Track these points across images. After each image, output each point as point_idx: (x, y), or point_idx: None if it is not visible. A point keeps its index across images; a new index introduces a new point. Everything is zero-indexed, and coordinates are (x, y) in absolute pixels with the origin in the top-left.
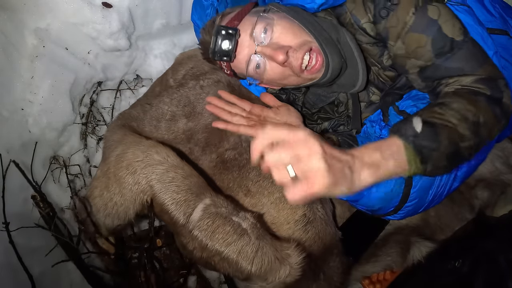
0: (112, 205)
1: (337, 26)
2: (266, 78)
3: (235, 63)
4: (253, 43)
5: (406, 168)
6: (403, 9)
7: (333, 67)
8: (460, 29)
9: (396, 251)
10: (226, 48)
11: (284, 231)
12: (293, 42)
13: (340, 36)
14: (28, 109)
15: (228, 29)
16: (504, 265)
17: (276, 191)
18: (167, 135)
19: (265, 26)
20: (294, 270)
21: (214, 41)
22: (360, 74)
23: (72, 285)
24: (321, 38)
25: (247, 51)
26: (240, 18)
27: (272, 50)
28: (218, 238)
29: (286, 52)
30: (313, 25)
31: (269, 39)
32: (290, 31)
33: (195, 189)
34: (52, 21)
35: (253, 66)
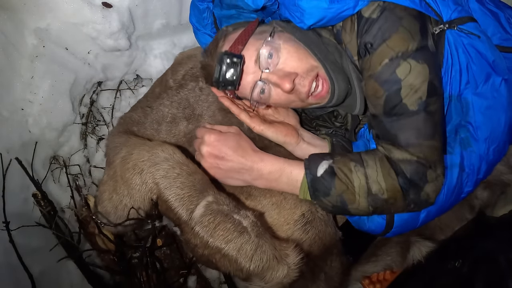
0: (122, 207)
1: (341, 51)
2: (271, 102)
3: (240, 89)
4: (258, 70)
5: (297, 193)
6: (378, 56)
7: (339, 93)
8: (419, 99)
9: (396, 251)
10: (230, 78)
11: (284, 231)
12: (299, 68)
13: (343, 61)
14: (28, 109)
15: (232, 57)
16: (504, 265)
17: (277, 193)
18: (168, 138)
19: (270, 51)
20: (292, 271)
21: (218, 70)
22: (358, 102)
23: (72, 285)
24: (327, 62)
25: (252, 78)
26: (244, 42)
27: (279, 78)
28: (219, 235)
29: (293, 80)
30: (319, 48)
31: (275, 65)
32: (295, 56)
33: (199, 186)
34: (52, 21)
35: (257, 92)
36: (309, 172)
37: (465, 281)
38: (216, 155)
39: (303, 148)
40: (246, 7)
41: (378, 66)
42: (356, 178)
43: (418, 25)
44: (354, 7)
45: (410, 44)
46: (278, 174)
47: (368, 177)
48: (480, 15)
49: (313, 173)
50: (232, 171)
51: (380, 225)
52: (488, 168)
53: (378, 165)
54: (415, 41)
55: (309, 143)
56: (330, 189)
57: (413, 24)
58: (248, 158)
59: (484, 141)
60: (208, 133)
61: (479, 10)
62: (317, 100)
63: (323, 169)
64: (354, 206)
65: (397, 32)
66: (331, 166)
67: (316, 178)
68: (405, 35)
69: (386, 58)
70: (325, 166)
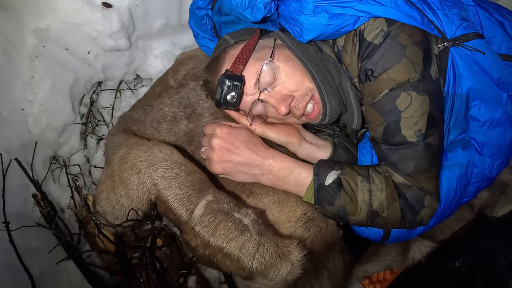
0: (119, 207)
1: (340, 70)
2: (268, 119)
3: (240, 106)
4: (257, 91)
5: (302, 195)
6: (378, 85)
7: (331, 114)
8: (418, 131)
9: (397, 250)
10: (231, 100)
11: (286, 229)
12: (296, 92)
13: (342, 81)
14: (28, 109)
15: (233, 81)
16: (504, 265)
17: (279, 191)
18: (168, 137)
19: (269, 74)
20: (295, 268)
21: (219, 92)
22: (355, 121)
23: (72, 285)
24: (323, 84)
25: (251, 98)
26: (244, 61)
27: (276, 101)
28: (220, 234)
29: (289, 104)
30: (318, 66)
31: (274, 87)
32: (293, 79)
33: (197, 186)
34: (52, 21)
35: (256, 109)
36: (317, 178)
37: (465, 281)
38: (228, 148)
39: (305, 148)
40: (244, 20)
41: (378, 95)
42: (361, 193)
43: (421, 55)
44: (354, 23)
45: (412, 75)
46: (287, 172)
47: (372, 194)
48: (487, 25)
49: (321, 180)
50: (242, 164)
51: (378, 234)
52: (488, 183)
53: (383, 185)
54: (417, 73)
55: (311, 143)
56: (335, 199)
57: (416, 54)
58: (260, 153)
59: (490, 157)
60: (220, 127)
61: (487, 20)
62: (308, 120)
63: (331, 179)
64: (354, 218)
65: (399, 63)
66: (339, 177)
67: (323, 187)
68: (407, 66)
69: (386, 88)
70: (334, 176)
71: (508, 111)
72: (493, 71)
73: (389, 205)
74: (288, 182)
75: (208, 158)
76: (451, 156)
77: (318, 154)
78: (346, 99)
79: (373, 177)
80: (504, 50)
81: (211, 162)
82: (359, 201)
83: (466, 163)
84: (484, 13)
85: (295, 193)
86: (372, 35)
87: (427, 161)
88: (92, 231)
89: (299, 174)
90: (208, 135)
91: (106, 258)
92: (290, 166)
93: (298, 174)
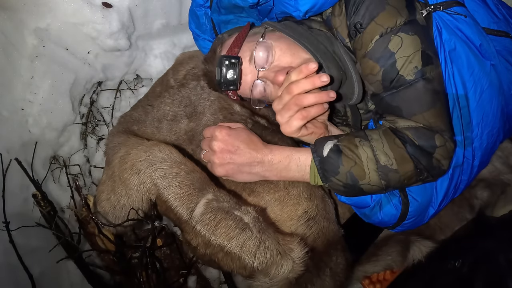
0: (120, 208)
1: (331, 38)
2: (271, 99)
3: (240, 90)
4: (255, 69)
5: (307, 179)
6: (368, 34)
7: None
8: (415, 68)
9: (397, 250)
10: (231, 78)
11: (288, 227)
12: (293, 62)
13: (335, 48)
14: (28, 109)
15: (230, 59)
16: (504, 265)
17: (280, 189)
18: (169, 136)
19: (264, 51)
20: (297, 265)
21: (219, 72)
22: (355, 87)
23: (72, 285)
24: (318, 53)
25: (250, 78)
26: (239, 45)
27: (274, 73)
28: (221, 233)
29: (287, 73)
30: (309, 40)
31: (270, 63)
32: (288, 52)
33: (198, 184)
34: (52, 21)
35: (257, 91)
36: (316, 155)
37: (465, 281)
38: (229, 150)
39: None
40: (243, 4)
41: (370, 44)
42: (362, 152)
43: (404, 2)
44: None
45: (398, 19)
46: (287, 161)
47: (374, 149)
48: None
49: (319, 154)
50: (245, 165)
51: (393, 216)
52: (483, 154)
53: (382, 137)
54: (402, 17)
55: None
56: (338, 166)
57: (399, 2)
58: (259, 151)
59: (477, 126)
60: (219, 129)
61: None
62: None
63: (328, 148)
64: (365, 181)
65: (384, 10)
66: (336, 144)
67: (323, 159)
68: (392, 12)
69: (376, 35)
70: (330, 145)
71: (492, 79)
72: (475, 38)
73: (395, 154)
74: (290, 169)
75: (210, 162)
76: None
77: None
78: (342, 64)
79: (370, 134)
80: (485, 24)
81: (213, 166)
82: (363, 160)
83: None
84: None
85: (302, 179)
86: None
87: (429, 96)
88: (92, 231)
89: (299, 159)
90: (207, 138)
91: (106, 258)
92: (288, 155)
93: (298, 159)
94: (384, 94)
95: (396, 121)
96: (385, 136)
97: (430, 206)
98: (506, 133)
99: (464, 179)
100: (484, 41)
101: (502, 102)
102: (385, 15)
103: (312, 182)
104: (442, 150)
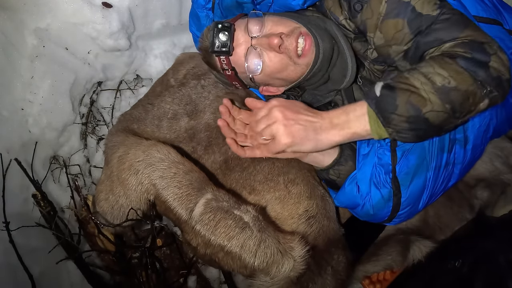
0: (118, 208)
1: (323, 18)
2: (266, 71)
3: (234, 59)
4: (248, 38)
5: (369, 130)
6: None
7: (324, 46)
8: (434, 4)
9: (397, 250)
10: (223, 39)
11: (289, 225)
12: (285, 30)
13: (327, 25)
14: (28, 109)
15: (223, 23)
16: (504, 265)
17: (281, 188)
18: (169, 134)
19: (256, 21)
20: (298, 264)
21: (211, 35)
22: (349, 62)
23: (72, 285)
24: (310, 24)
25: (244, 45)
26: (233, 20)
27: (267, 38)
28: (221, 233)
29: (280, 37)
30: (301, 17)
31: (262, 32)
32: (279, 23)
33: (196, 184)
34: (52, 21)
35: (252, 59)
36: (370, 100)
37: (465, 281)
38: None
39: (309, 155)
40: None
41: (381, 7)
42: (414, 79)
43: None
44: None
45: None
46: (345, 116)
47: (426, 74)
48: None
49: (373, 97)
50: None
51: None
52: (475, 137)
53: (430, 61)
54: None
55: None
56: (395, 99)
57: None
58: (317, 112)
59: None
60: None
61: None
62: (306, 57)
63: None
64: (428, 108)
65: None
66: (387, 83)
67: (378, 99)
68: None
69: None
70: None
71: None
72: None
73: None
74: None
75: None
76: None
77: (324, 158)
78: (334, 38)
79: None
80: (475, 11)
81: (279, 135)
82: (418, 87)
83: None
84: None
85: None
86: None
87: (461, 20)
88: (92, 231)
89: (355, 110)
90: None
91: (106, 258)
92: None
93: (354, 110)
94: (419, 39)
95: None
96: (433, 60)
97: (423, 194)
98: (502, 123)
99: (457, 163)
100: None
101: None
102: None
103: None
104: (496, 57)
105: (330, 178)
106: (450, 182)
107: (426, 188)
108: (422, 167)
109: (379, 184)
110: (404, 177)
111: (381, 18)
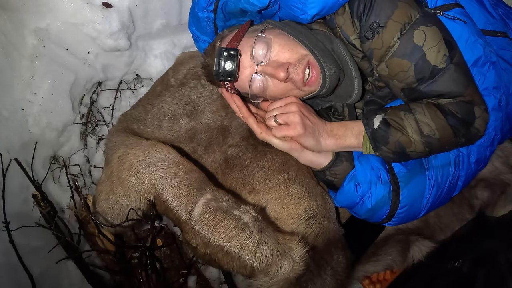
0: (118, 208)
1: (330, 36)
2: (269, 95)
3: (239, 83)
4: (254, 63)
5: (361, 147)
6: (388, 32)
7: (330, 77)
8: (444, 56)
9: (397, 250)
10: (229, 69)
11: (289, 226)
12: (291, 58)
13: (334, 46)
14: (28, 109)
15: (229, 50)
16: (504, 265)
17: (281, 188)
18: (169, 135)
19: (263, 45)
20: (297, 265)
21: (217, 63)
22: (355, 84)
23: (72, 285)
24: (316, 50)
25: (249, 72)
26: (238, 39)
27: (273, 68)
28: (220, 233)
29: (287, 69)
30: (308, 37)
31: (268, 58)
32: (286, 48)
33: (196, 184)
34: (52, 21)
35: (256, 85)
36: (367, 127)
37: (465, 281)
38: (307, 110)
39: (307, 155)
40: (251, 8)
41: (393, 42)
42: (407, 124)
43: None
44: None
45: (412, 14)
46: (343, 129)
47: (418, 121)
48: (465, 1)
49: (371, 127)
50: (316, 126)
51: (383, 211)
52: (478, 150)
53: (425, 110)
54: (415, 10)
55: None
56: (388, 137)
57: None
58: (322, 120)
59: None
60: (290, 97)
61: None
62: (311, 87)
63: (378, 121)
64: (411, 149)
65: (397, 7)
66: (385, 118)
67: (374, 130)
68: (405, 7)
69: (397, 32)
70: (379, 118)
71: (488, 78)
72: (475, 38)
73: (437, 125)
74: (347, 137)
75: (291, 120)
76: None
77: (320, 159)
78: (341, 62)
79: (413, 107)
80: (481, 25)
81: (295, 122)
82: (409, 131)
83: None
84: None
85: (357, 146)
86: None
87: (463, 77)
88: (92, 231)
89: (353, 128)
90: (280, 106)
91: (106, 258)
92: (343, 124)
93: (352, 128)
94: (421, 86)
95: (437, 100)
96: (427, 109)
97: (424, 197)
98: (506, 133)
99: (461, 175)
100: (482, 42)
101: (498, 99)
102: (400, 12)
103: (365, 151)
104: (480, 120)
105: (327, 179)
106: (453, 191)
107: (426, 190)
108: (421, 165)
109: (378, 181)
110: (403, 174)
111: (390, 54)
